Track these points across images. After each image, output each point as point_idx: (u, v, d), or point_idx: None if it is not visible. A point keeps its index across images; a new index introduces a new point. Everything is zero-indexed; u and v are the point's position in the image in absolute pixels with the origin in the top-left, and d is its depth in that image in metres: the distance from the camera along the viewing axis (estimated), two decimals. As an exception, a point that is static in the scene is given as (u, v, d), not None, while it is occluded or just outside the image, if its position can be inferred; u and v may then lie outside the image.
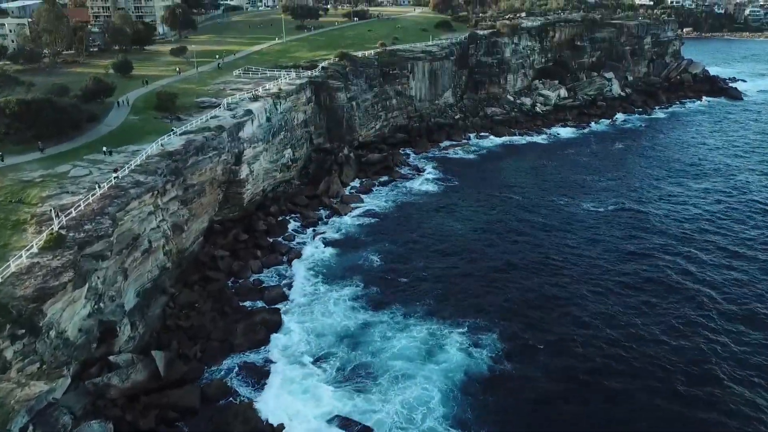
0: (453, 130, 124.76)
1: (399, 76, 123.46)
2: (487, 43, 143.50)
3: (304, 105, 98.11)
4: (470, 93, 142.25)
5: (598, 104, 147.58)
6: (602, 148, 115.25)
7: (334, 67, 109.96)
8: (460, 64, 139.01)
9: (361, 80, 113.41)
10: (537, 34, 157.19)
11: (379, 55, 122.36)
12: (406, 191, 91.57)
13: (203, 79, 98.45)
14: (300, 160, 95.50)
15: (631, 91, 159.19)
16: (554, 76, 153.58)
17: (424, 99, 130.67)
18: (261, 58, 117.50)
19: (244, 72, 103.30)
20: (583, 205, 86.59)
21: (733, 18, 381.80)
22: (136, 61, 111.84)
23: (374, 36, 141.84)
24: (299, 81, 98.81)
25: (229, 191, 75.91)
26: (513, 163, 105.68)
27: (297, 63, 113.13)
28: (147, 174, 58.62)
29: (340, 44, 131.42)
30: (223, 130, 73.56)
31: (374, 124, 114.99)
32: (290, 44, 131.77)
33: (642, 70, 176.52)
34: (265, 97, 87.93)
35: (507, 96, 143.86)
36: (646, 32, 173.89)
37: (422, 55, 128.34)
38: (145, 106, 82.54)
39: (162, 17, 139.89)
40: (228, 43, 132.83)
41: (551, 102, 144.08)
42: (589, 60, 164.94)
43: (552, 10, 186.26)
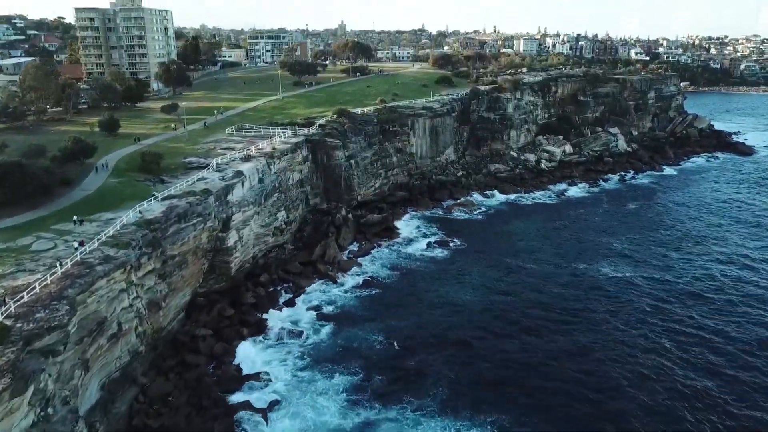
0: (456, 188, 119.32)
1: (399, 133, 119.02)
2: (489, 98, 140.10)
3: (300, 164, 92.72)
4: (472, 149, 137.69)
5: (605, 160, 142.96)
6: (615, 207, 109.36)
7: (331, 124, 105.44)
8: (461, 120, 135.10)
9: (360, 138, 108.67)
10: (539, 89, 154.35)
11: (378, 111, 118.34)
12: (408, 255, 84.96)
13: (193, 138, 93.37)
14: (295, 223, 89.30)
15: (637, 147, 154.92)
16: (558, 132, 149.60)
17: (425, 156, 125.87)
18: (256, 115, 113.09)
19: (237, 130, 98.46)
20: (601, 271, 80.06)
21: (730, 73, 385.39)
22: (126, 119, 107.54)
23: (373, 92, 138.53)
24: (295, 139, 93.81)
25: (215, 260, 69.25)
26: (522, 224, 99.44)
27: (293, 120, 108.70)
28: (119, 247, 52.05)
29: (338, 101, 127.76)
30: (210, 193, 67.57)
31: (374, 182, 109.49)
32: (287, 101, 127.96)
33: (646, 125, 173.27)
34: (258, 157, 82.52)
35: (510, 152, 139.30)
36: (650, 87, 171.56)
37: (423, 111, 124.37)
38: (127, 167, 76.86)
39: (156, 74, 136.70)
40: (223, 99, 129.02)
41: (556, 158, 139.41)
42: (592, 115, 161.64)
43: (553, 65, 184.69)
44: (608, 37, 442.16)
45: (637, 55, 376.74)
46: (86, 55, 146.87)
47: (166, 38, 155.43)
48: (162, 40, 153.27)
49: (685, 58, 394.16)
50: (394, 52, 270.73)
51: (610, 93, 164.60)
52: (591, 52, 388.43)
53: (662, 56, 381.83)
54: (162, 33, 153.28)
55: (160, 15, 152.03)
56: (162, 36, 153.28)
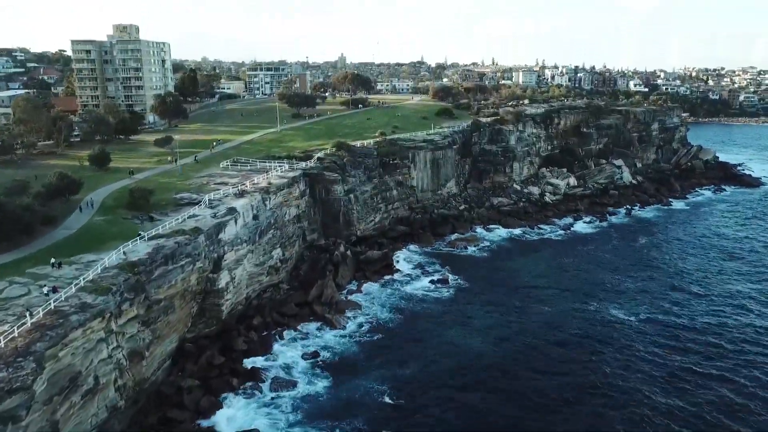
0: (458, 222, 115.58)
1: (400, 166, 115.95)
2: (490, 130, 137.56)
3: (297, 199, 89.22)
4: (474, 182, 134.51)
5: (610, 193, 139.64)
6: (623, 243, 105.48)
7: (330, 157, 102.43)
8: (463, 153, 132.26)
9: (360, 171, 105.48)
10: (541, 121, 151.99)
11: (378, 144, 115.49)
12: (409, 295, 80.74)
13: (186, 172, 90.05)
14: (291, 260, 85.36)
15: (643, 179, 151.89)
16: (562, 164, 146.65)
17: (426, 189, 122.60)
18: (253, 148, 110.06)
19: (233, 163, 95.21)
20: (612, 312, 75.87)
21: (729, 104, 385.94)
22: (118, 152, 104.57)
23: (373, 124, 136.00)
24: (292, 173, 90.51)
25: (205, 303, 65.09)
26: (528, 260, 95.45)
27: (291, 153, 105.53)
28: (98, 293, 48.05)
29: (337, 133, 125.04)
30: (201, 232, 63.82)
31: (373, 216, 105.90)
32: (285, 133, 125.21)
33: (650, 157, 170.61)
34: (253, 192, 78.99)
35: (513, 185, 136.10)
36: (653, 119, 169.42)
37: (423, 144, 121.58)
38: (115, 203, 73.28)
39: (152, 106, 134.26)
40: (219, 132, 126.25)
41: (561, 191, 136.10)
42: (596, 147, 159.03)
43: (554, 97, 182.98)
44: (606, 69, 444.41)
45: (636, 86, 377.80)
46: (81, 87, 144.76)
47: (163, 70, 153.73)
48: (159, 72, 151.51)
49: (684, 89, 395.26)
50: (393, 84, 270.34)
51: (613, 125, 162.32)
52: (590, 84, 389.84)
53: (661, 88, 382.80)
54: (159, 65, 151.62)
55: (157, 47, 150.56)
56: (159, 68, 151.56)
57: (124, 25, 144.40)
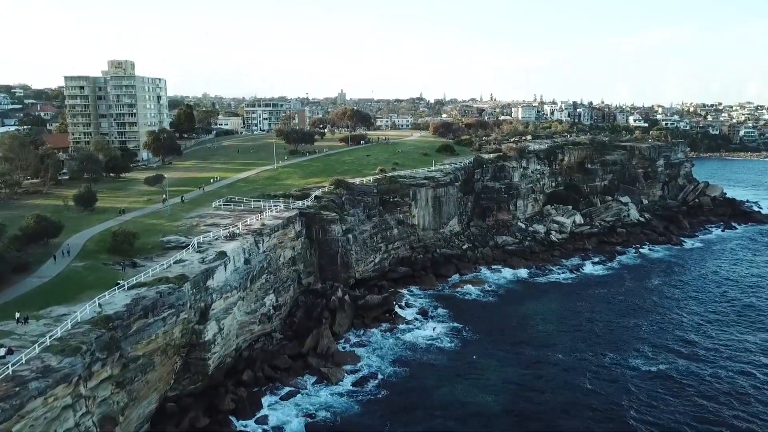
0: (462, 262, 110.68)
1: (400, 204, 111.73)
2: (493, 167, 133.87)
3: (292, 240, 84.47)
4: (477, 220, 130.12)
5: (618, 231, 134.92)
6: (636, 286, 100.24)
7: (328, 196, 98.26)
8: (465, 190, 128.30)
9: (359, 210, 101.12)
10: (545, 157, 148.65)
11: (378, 181, 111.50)
12: (412, 345, 75.17)
13: (176, 213, 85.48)
14: (285, 306, 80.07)
15: (651, 217, 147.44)
16: (567, 201, 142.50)
17: (427, 228, 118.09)
18: (247, 187, 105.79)
19: (225, 203, 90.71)
20: (630, 363, 70.49)
21: (729, 138, 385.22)
22: (107, 191, 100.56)
23: (373, 161, 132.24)
24: (288, 213, 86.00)
25: (190, 357, 59.61)
26: (537, 305, 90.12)
27: (287, 192, 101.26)
28: (65, 353, 42.86)
29: (336, 170, 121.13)
30: (186, 280, 58.85)
31: (373, 257, 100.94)
32: (282, 170, 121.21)
33: (657, 193, 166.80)
34: (245, 235, 74.30)
35: (518, 223, 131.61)
36: (658, 154, 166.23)
37: (425, 181, 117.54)
38: (97, 247, 68.46)
39: (145, 143, 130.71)
40: (214, 169, 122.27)
41: (567, 229, 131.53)
42: (601, 183, 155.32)
43: (557, 132, 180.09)
44: (605, 105, 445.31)
45: (636, 121, 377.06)
46: (74, 123, 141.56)
47: (158, 106, 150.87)
48: (154, 108, 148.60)
49: (684, 124, 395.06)
50: (393, 120, 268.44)
51: (618, 161, 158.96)
52: (589, 119, 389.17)
53: (661, 123, 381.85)
54: (154, 101, 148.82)
55: (152, 83, 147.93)
56: (154, 104, 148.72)
57: (119, 60, 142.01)
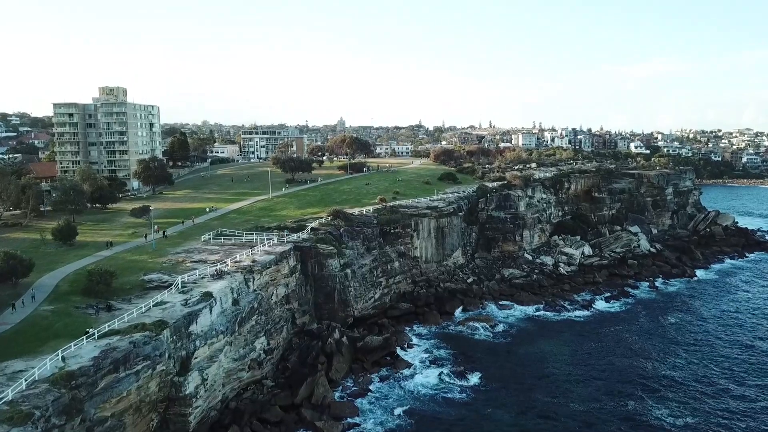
0: (467, 297, 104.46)
1: (402, 235, 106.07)
2: (498, 196, 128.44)
3: (286, 276, 78.54)
4: (482, 252, 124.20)
5: (629, 263, 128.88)
6: (653, 324, 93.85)
7: (325, 227, 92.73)
8: (469, 220, 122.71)
9: (358, 242, 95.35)
10: (551, 185, 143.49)
11: (378, 212, 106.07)
12: (417, 394, 68.47)
13: (161, 248, 79.64)
14: (277, 350, 73.66)
15: (662, 247, 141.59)
16: (574, 231, 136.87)
17: (430, 260, 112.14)
18: (240, 218, 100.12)
19: (215, 237, 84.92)
20: (655, 414, 64.15)
21: (732, 165, 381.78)
22: (91, 224, 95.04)
23: (373, 190, 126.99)
24: (281, 247, 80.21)
25: (168, 413, 53.17)
26: (550, 346, 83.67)
27: (282, 223, 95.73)
28: (13, 423, 36.63)
29: (334, 200, 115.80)
30: (165, 326, 52.82)
31: (373, 293, 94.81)
32: (277, 201, 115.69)
33: (666, 222, 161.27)
34: (234, 273, 68.41)
35: (524, 254, 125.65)
36: (667, 182, 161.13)
37: (427, 211, 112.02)
38: (71, 288, 62.49)
39: (135, 172, 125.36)
40: (206, 199, 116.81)
41: (576, 261, 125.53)
42: (609, 212, 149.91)
43: (562, 160, 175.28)
44: (606, 131, 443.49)
45: (637, 148, 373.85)
46: (62, 152, 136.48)
47: (150, 134, 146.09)
48: (146, 136, 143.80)
49: (686, 151, 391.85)
50: (393, 147, 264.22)
51: (626, 189, 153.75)
52: (590, 146, 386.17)
53: (662, 149, 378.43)
54: (146, 129, 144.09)
55: (145, 110, 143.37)
56: (146, 132, 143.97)
57: (110, 87, 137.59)
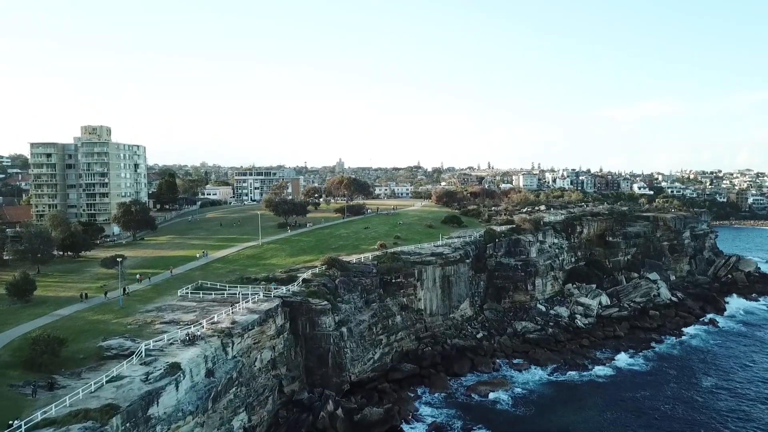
0: (478, 356, 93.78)
1: (404, 286, 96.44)
2: (507, 241, 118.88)
3: (272, 338, 68.32)
4: (492, 302, 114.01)
5: (650, 314, 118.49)
6: (684, 387, 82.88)
7: (318, 278, 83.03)
8: (477, 268, 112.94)
9: (355, 295, 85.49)
10: (562, 229, 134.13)
11: (378, 259, 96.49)
12: (424, 480, 57.52)
13: (131, 304, 69.54)
14: (260, 427, 62.94)
15: (683, 296, 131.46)
16: (589, 279, 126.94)
17: (436, 313, 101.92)
18: (224, 268, 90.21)
19: (194, 291, 74.84)
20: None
21: (738, 206, 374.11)
22: (58, 274, 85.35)
23: (372, 235, 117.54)
24: (267, 304, 70.21)
25: None
26: (576, 416, 72.70)
27: (271, 274, 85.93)
28: None
29: (329, 246, 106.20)
30: (116, 412, 42.51)
31: (372, 353, 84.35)
32: (267, 247, 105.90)
33: (684, 268, 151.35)
34: (210, 337, 58.25)
35: (537, 305, 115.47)
36: (684, 225, 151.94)
37: (432, 258, 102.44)
38: (12, 359, 52.25)
39: (114, 216, 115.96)
40: (189, 246, 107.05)
41: (593, 312, 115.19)
42: (624, 258, 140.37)
43: (572, 202, 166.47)
44: (608, 172, 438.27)
45: (640, 189, 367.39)
46: (38, 195, 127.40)
47: (135, 175, 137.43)
48: (130, 177, 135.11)
49: (690, 191, 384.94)
50: (392, 188, 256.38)
51: (641, 233, 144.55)
52: (593, 187, 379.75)
53: (666, 190, 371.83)
54: (131, 170, 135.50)
55: (129, 150, 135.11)
56: (130, 173, 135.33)
57: (93, 126, 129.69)
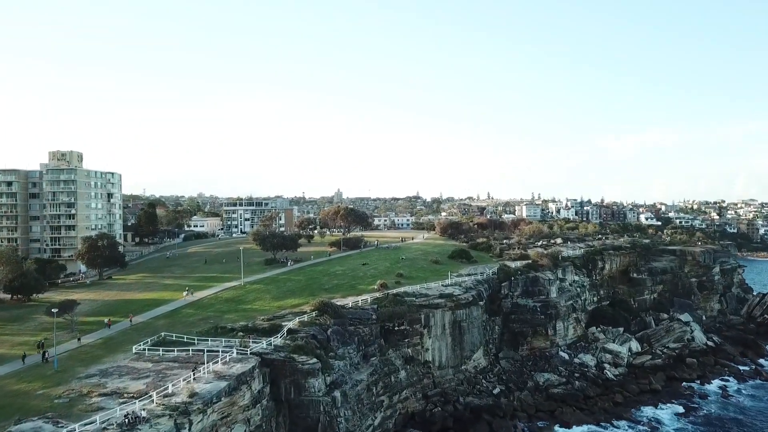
0: (496, 418, 79.24)
1: (409, 334, 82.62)
2: (524, 279, 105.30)
3: (246, 409, 54.16)
4: (508, 350, 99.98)
5: (687, 362, 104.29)
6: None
7: (307, 329, 69.36)
8: (491, 310, 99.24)
9: (351, 348, 71.75)
10: (583, 265, 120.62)
11: (378, 302, 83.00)
12: None
13: (70, 366, 55.63)
14: None
15: (720, 339, 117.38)
16: (615, 321, 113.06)
17: (445, 365, 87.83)
18: (197, 315, 76.21)
19: (154, 345, 60.86)
20: None
21: (749, 237, 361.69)
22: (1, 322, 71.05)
23: (371, 272, 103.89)
24: (241, 365, 56.28)
25: None
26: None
27: (251, 322, 72.02)
28: None
29: (322, 286, 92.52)
30: None
31: (372, 419, 70.13)
32: (250, 288, 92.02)
33: (714, 307, 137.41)
34: (159, 417, 44.22)
35: (559, 352, 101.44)
36: (714, 260, 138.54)
37: (440, 300, 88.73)
38: None
39: (78, 252, 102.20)
40: (161, 287, 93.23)
41: (623, 361, 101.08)
42: (650, 297, 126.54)
43: (589, 234, 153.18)
44: (613, 202, 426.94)
45: (648, 220, 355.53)
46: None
47: (107, 206, 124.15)
48: (102, 208, 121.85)
49: (698, 222, 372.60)
50: (392, 218, 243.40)
51: (668, 268, 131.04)
52: (598, 217, 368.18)
53: (674, 221, 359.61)
54: (103, 200, 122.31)
55: (102, 178, 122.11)
56: (102, 203, 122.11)
57: (62, 151, 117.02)
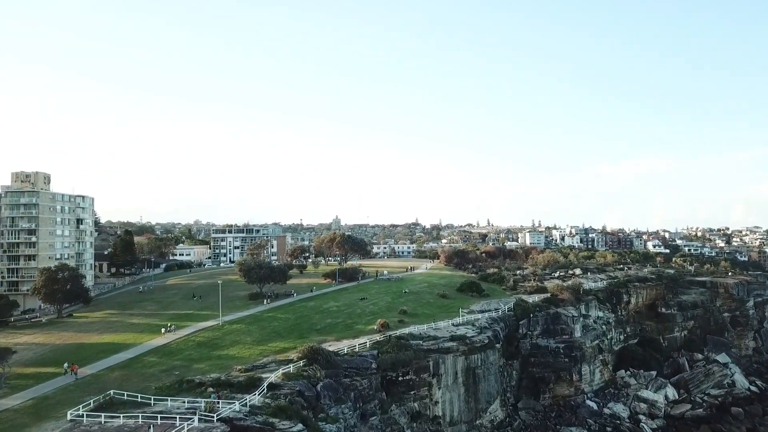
0: (520, 488, 65.93)
1: (415, 385, 69.75)
2: (544, 317, 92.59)
3: (208, 499, 41.00)
4: (527, 398, 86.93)
5: (732, 412, 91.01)
6: None
7: (293, 382, 56.56)
8: (508, 353, 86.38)
9: (347, 406, 58.97)
10: (606, 299, 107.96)
11: (379, 346, 70.49)
12: None
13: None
14: None
15: (764, 384, 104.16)
16: (647, 364, 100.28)
17: (458, 420, 74.86)
18: (161, 364, 63.09)
19: (93, 411, 47.67)
20: None
21: (761, 266, 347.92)
22: None
23: (370, 309, 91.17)
24: (204, 439, 43.19)
25: None
26: None
27: (226, 374, 59.02)
28: None
29: (313, 327, 79.71)
30: None
31: (372, 494, 56.53)
32: (229, 329, 78.97)
33: (749, 345, 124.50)
34: None
35: (586, 401, 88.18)
36: (748, 293, 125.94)
37: (451, 343, 76.07)
38: None
39: (33, 286, 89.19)
40: (126, 327, 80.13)
41: (660, 411, 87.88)
42: (681, 334, 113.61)
43: (609, 264, 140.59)
44: (620, 230, 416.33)
45: (656, 247, 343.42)
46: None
47: (76, 233, 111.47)
48: (69, 235, 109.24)
49: (708, 250, 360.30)
50: (392, 246, 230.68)
51: (699, 302, 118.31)
52: (604, 245, 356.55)
53: (683, 249, 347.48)
54: (70, 226, 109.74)
55: (70, 202, 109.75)
56: (70, 230, 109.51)
57: (27, 173, 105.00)
